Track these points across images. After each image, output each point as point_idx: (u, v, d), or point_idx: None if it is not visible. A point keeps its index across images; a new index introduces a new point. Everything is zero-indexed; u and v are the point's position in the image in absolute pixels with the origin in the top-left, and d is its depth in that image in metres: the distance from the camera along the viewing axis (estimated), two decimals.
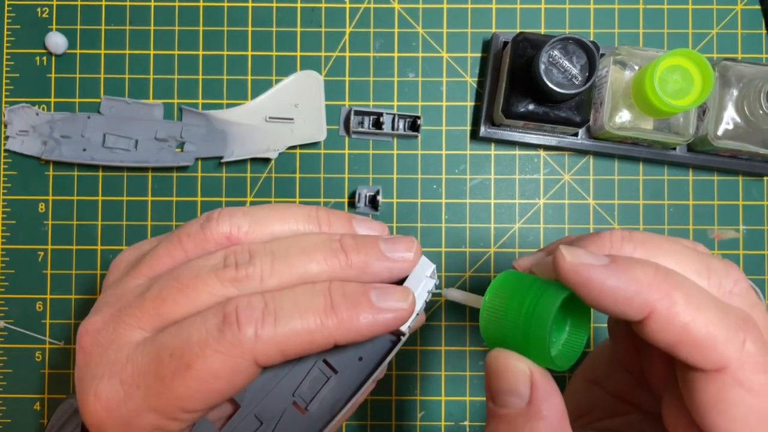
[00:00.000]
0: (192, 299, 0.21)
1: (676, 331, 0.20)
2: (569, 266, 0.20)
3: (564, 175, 0.46)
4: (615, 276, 0.20)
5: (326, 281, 0.22)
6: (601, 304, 0.20)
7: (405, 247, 0.23)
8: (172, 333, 0.20)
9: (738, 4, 0.46)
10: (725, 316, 0.20)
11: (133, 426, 0.20)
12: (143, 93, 0.46)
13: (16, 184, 0.46)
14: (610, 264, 0.20)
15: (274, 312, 0.20)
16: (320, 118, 0.45)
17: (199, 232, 0.22)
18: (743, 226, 0.46)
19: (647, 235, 0.23)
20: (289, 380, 0.23)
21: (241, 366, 0.20)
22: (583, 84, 0.38)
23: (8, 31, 0.46)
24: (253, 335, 0.20)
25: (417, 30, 0.46)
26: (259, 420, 0.23)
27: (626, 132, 0.41)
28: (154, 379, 0.20)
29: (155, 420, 0.20)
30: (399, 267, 0.23)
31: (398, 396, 0.45)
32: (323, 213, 0.24)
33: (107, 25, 0.46)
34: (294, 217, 0.23)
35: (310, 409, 0.23)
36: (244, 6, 0.46)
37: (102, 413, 0.21)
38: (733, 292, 0.22)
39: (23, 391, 0.45)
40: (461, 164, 0.46)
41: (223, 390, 0.20)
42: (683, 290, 0.20)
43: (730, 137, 0.41)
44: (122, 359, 0.21)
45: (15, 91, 0.46)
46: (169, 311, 0.21)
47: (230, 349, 0.19)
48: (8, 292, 0.46)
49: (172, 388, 0.20)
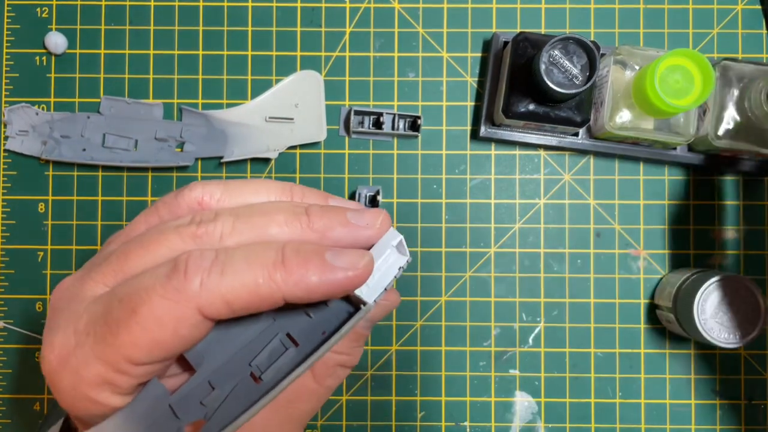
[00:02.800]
0: (152, 254, 0.21)
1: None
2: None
3: (564, 175, 0.46)
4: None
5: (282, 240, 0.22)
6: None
7: (371, 215, 0.23)
8: (127, 283, 0.21)
9: (738, 4, 0.46)
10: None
11: (82, 377, 0.20)
12: (143, 93, 0.46)
13: (16, 184, 0.46)
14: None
15: (222, 263, 0.20)
16: (320, 118, 0.45)
17: (173, 200, 0.23)
18: (743, 227, 0.46)
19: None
20: (248, 350, 0.23)
21: (185, 315, 0.20)
22: (584, 84, 0.38)
23: (8, 30, 0.46)
24: (199, 284, 0.19)
25: (417, 30, 0.46)
26: (212, 386, 0.22)
27: (627, 132, 0.41)
28: (102, 326, 0.20)
29: (102, 371, 0.20)
30: (363, 234, 0.23)
31: (398, 396, 0.45)
32: (298, 188, 0.24)
33: (107, 24, 0.46)
34: (267, 188, 0.24)
35: (264, 378, 0.23)
36: (244, 6, 0.46)
37: (54, 362, 0.21)
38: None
39: (23, 391, 0.45)
40: (461, 164, 0.46)
41: (167, 341, 0.20)
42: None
43: (730, 137, 0.41)
44: (80, 310, 0.21)
45: (15, 91, 0.46)
46: (130, 266, 0.21)
47: (175, 295, 0.19)
48: (8, 292, 0.45)
49: (117, 335, 0.20)
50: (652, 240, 0.46)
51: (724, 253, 0.46)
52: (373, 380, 0.45)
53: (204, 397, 0.22)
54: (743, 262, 0.46)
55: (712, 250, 0.46)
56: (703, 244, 0.46)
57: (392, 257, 0.24)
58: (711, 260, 0.46)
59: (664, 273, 0.46)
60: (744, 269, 0.45)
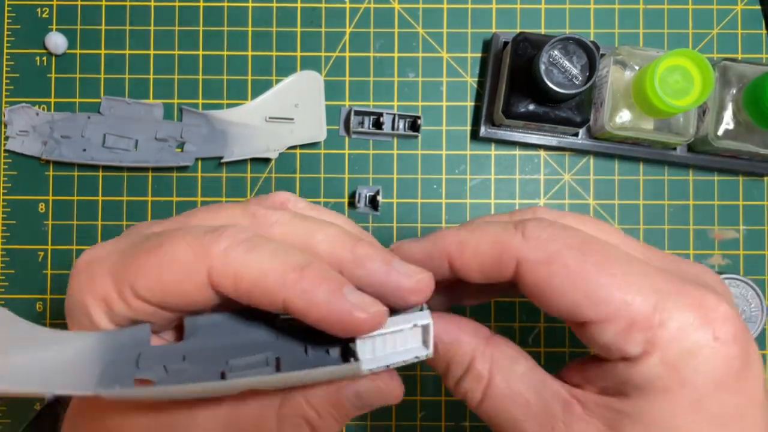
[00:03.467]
0: (213, 215, 0.22)
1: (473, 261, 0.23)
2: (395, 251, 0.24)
3: (564, 175, 0.46)
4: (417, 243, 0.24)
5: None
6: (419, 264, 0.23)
7: (414, 269, 0.23)
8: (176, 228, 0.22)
9: (738, 4, 0.46)
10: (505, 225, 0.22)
11: (92, 285, 0.21)
12: (143, 93, 0.46)
13: (16, 184, 0.46)
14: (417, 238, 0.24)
15: (254, 244, 0.20)
16: (320, 118, 0.45)
17: (261, 199, 0.25)
18: (743, 227, 0.46)
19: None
20: (235, 350, 0.22)
21: (196, 270, 0.20)
22: (584, 84, 0.38)
23: (8, 31, 0.46)
24: (223, 248, 0.20)
25: (417, 30, 0.46)
26: (183, 358, 0.22)
27: (626, 132, 0.41)
28: (131, 248, 0.21)
29: (108, 287, 0.21)
30: (397, 280, 0.22)
31: None
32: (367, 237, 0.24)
33: (107, 25, 0.46)
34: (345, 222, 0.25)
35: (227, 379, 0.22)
36: (244, 6, 0.46)
37: (82, 263, 0.22)
38: (535, 212, 0.24)
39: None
40: (461, 164, 0.46)
41: (169, 288, 0.20)
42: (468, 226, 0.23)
43: (730, 137, 0.41)
44: (132, 234, 0.23)
45: (15, 91, 0.46)
46: (190, 221, 0.23)
47: (197, 248, 0.20)
48: (8, 292, 0.45)
49: (135, 258, 0.20)
50: (651, 240, 0.46)
51: (723, 253, 0.46)
52: None
53: (170, 364, 0.21)
54: (743, 262, 0.46)
55: (712, 250, 0.46)
56: (702, 245, 0.46)
57: (412, 340, 0.23)
58: (710, 260, 0.46)
59: None
60: (744, 269, 0.46)
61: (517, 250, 0.21)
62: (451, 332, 0.23)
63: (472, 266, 0.22)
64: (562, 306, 0.21)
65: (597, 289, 0.20)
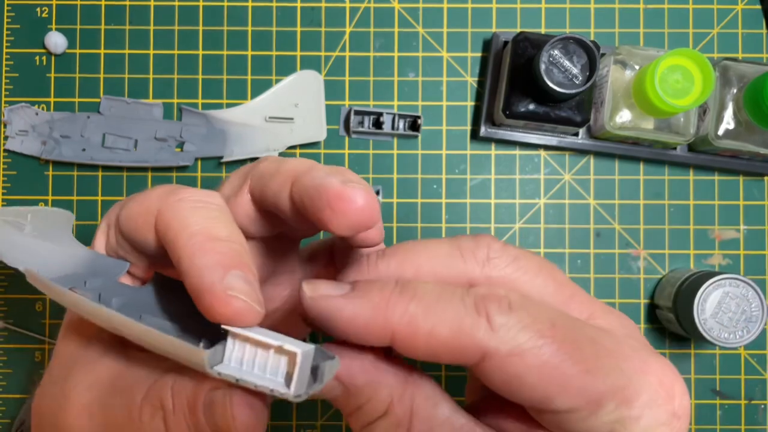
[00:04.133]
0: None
1: (424, 343, 0.19)
2: (309, 302, 0.19)
3: (564, 175, 0.46)
4: (352, 303, 0.19)
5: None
6: (349, 337, 0.19)
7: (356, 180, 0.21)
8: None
9: (738, 4, 0.46)
10: (463, 305, 0.19)
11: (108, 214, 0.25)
12: (143, 93, 0.46)
13: (16, 184, 0.46)
14: (350, 291, 0.20)
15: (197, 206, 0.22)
16: (320, 118, 0.45)
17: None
18: (744, 226, 0.46)
19: (401, 245, 0.22)
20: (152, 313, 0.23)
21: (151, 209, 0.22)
22: (584, 84, 0.38)
23: (8, 30, 0.46)
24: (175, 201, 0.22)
25: (417, 30, 0.46)
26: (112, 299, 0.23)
27: (627, 132, 0.41)
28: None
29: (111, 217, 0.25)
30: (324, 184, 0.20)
31: None
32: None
33: (107, 24, 0.46)
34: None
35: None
36: (244, 6, 0.46)
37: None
38: (490, 257, 0.21)
39: (23, 391, 0.45)
40: (461, 164, 0.46)
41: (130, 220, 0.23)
42: (419, 299, 0.19)
43: (730, 137, 0.41)
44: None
45: (15, 90, 0.46)
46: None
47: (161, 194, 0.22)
48: (8, 292, 0.45)
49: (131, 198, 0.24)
50: (652, 240, 0.46)
51: (724, 253, 0.46)
52: None
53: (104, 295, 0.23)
54: (743, 262, 0.46)
55: (712, 250, 0.46)
56: (702, 244, 0.46)
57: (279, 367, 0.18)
58: (711, 260, 0.46)
59: (664, 273, 0.46)
60: (744, 269, 0.45)
61: (484, 342, 0.19)
62: (368, 372, 0.20)
63: (422, 350, 0.19)
64: (533, 397, 0.19)
65: (571, 381, 0.19)
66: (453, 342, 0.19)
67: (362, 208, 0.20)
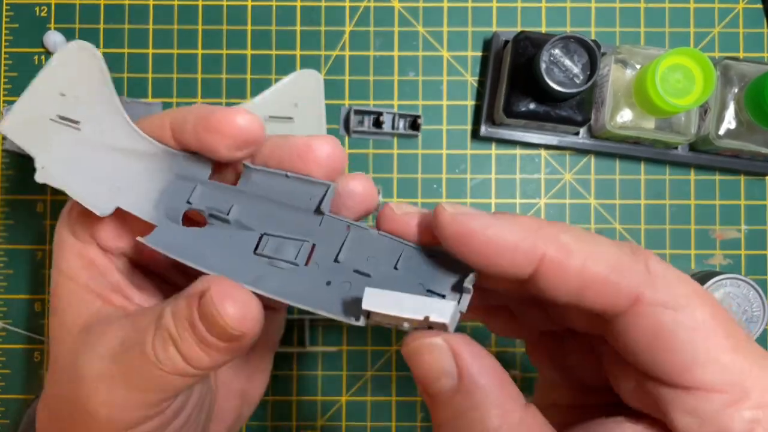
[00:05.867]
0: None
1: (575, 273, 0.18)
2: (449, 218, 0.18)
3: (565, 175, 0.46)
4: (498, 223, 0.18)
5: None
6: (485, 259, 0.18)
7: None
8: None
9: (740, 3, 0.46)
10: (619, 247, 0.18)
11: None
12: (142, 92, 0.46)
13: (15, 183, 0.46)
14: (494, 214, 0.19)
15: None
16: (320, 117, 0.45)
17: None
18: (745, 226, 0.46)
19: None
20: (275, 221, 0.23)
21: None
22: (585, 83, 0.38)
23: (6, 30, 0.46)
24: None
25: (417, 29, 0.46)
26: (230, 210, 0.23)
27: (627, 131, 0.41)
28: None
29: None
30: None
31: (398, 397, 0.45)
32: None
33: (106, 24, 0.46)
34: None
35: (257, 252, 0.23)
36: (244, 5, 0.46)
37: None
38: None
39: (23, 391, 0.45)
40: (462, 164, 0.46)
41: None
42: (571, 232, 0.18)
43: (731, 136, 0.41)
44: None
45: (13, 90, 0.46)
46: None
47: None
48: (8, 292, 0.45)
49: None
50: (652, 240, 0.45)
51: (725, 253, 0.45)
52: (373, 380, 0.45)
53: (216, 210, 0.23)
54: (743, 262, 0.45)
55: (712, 250, 0.46)
56: (703, 244, 0.46)
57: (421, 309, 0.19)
58: (711, 260, 0.46)
59: None
60: (744, 269, 0.45)
61: (641, 285, 0.17)
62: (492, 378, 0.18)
63: (571, 283, 0.18)
64: (673, 360, 0.17)
65: (722, 354, 0.17)
66: (607, 278, 0.17)
67: (242, 126, 0.22)
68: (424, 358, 0.18)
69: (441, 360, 0.18)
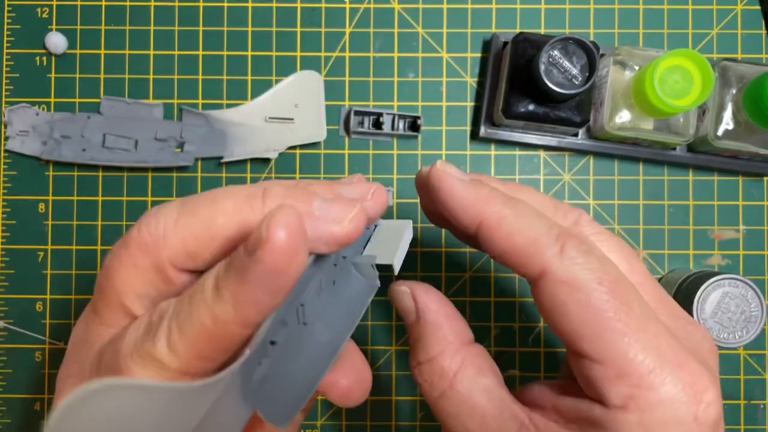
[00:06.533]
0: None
1: (502, 241, 0.22)
2: (436, 171, 0.24)
3: (564, 176, 0.46)
4: (464, 187, 0.23)
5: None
6: (446, 208, 0.23)
7: (340, 209, 0.20)
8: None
9: (738, 5, 0.46)
10: (548, 230, 0.22)
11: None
12: (143, 93, 0.46)
13: (16, 184, 0.46)
14: (469, 180, 0.23)
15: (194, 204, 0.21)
16: (320, 118, 0.45)
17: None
18: (743, 227, 0.46)
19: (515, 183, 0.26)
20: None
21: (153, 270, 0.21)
22: (583, 84, 0.38)
23: (8, 31, 0.46)
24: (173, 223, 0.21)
25: (417, 30, 0.46)
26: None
27: (626, 132, 0.41)
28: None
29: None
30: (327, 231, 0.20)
31: (398, 396, 0.45)
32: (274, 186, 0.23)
33: (107, 25, 0.46)
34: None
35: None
36: (244, 6, 0.46)
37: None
38: (578, 222, 0.24)
39: (23, 391, 0.45)
40: (461, 164, 0.46)
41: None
42: (516, 208, 0.22)
43: (730, 137, 0.41)
44: None
45: (15, 91, 0.46)
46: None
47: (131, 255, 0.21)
48: (8, 292, 0.46)
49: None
50: (651, 240, 0.46)
51: (723, 254, 0.46)
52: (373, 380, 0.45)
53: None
54: (743, 262, 0.46)
55: (712, 250, 0.46)
56: (701, 245, 0.46)
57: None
58: (709, 260, 0.46)
59: (664, 273, 0.46)
60: (744, 269, 0.46)
61: (548, 261, 0.21)
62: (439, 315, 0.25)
63: (496, 243, 0.22)
64: (565, 329, 0.21)
65: (605, 331, 0.20)
66: (523, 250, 0.22)
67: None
68: (396, 298, 0.26)
69: (405, 301, 0.25)
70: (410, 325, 0.25)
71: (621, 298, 0.20)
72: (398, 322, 0.46)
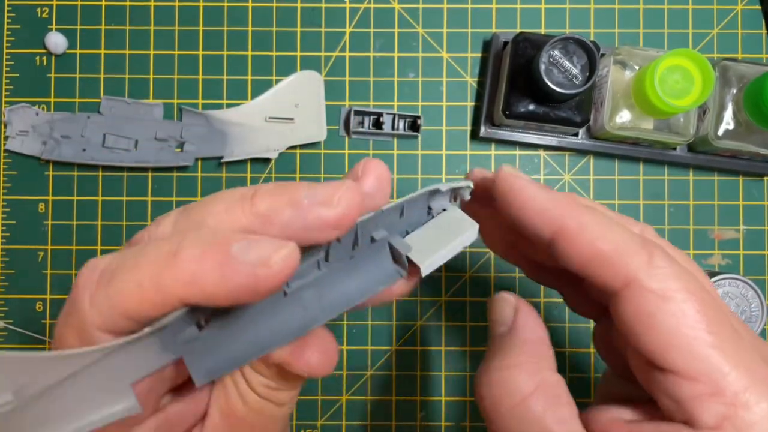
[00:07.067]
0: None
1: (585, 247, 0.21)
2: (507, 176, 0.23)
3: (564, 176, 0.46)
4: (539, 190, 0.22)
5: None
6: (519, 213, 0.22)
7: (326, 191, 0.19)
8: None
9: (738, 4, 0.46)
10: (632, 237, 0.21)
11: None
12: (143, 93, 0.46)
13: (16, 184, 0.46)
14: (539, 185, 0.22)
15: (112, 271, 0.17)
16: (320, 118, 0.45)
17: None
18: (743, 226, 0.46)
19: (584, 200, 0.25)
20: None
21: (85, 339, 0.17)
22: (584, 84, 0.38)
23: (8, 30, 0.46)
24: (88, 302, 0.17)
25: (417, 30, 0.46)
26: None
27: (626, 132, 0.41)
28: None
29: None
30: (317, 215, 0.18)
31: (398, 396, 0.45)
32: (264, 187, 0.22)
33: (107, 25, 0.46)
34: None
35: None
36: (244, 6, 0.46)
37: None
38: (644, 234, 0.23)
39: None
40: (461, 164, 0.46)
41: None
42: (594, 215, 0.21)
43: (730, 137, 0.41)
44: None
45: (15, 91, 0.46)
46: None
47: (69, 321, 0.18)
48: (8, 292, 0.45)
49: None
50: None
51: (723, 253, 0.46)
52: (373, 380, 0.45)
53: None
54: (742, 262, 0.46)
55: (710, 250, 0.46)
56: (702, 244, 0.46)
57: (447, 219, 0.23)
58: (710, 260, 0.46)
59: None
60: (744, 269, 0.46)
61: (637, 270, 0.20)
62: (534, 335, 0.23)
63: (577, 250, 0.21)
64: (651, 342, 0.19)
65: (699, 345, 0.19)
66: (609, 258, 0.20)
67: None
68: (496, 304, 0.24)
69: (505, 310, 0.24)
70: (498, 335, 0.24)
71: (713, 310, 0.19)
72: (398, 322, 0.46)
